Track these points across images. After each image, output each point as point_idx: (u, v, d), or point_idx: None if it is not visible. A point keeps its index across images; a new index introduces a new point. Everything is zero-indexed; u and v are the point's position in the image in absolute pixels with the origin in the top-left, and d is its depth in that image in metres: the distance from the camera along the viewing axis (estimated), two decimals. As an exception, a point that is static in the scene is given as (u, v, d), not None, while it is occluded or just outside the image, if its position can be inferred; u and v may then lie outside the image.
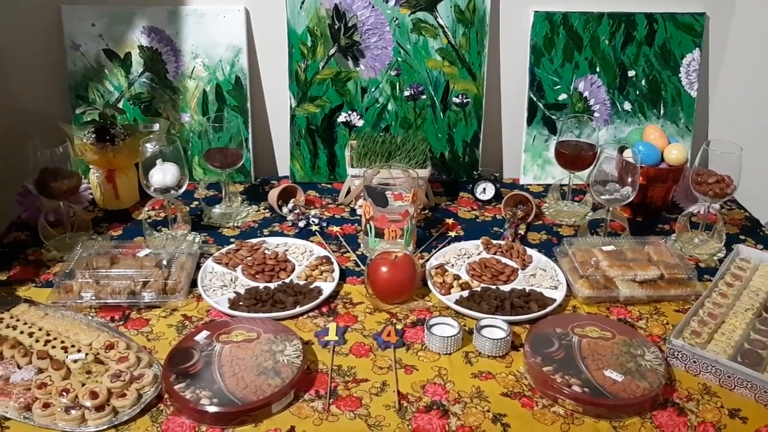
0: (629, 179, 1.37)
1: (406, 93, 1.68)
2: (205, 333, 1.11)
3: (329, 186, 1.72)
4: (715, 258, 1.41)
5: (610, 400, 1.00)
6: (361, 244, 1.44)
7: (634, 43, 1.67)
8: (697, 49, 1.68)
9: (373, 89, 1.67)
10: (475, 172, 1.70)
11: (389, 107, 1.69)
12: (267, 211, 1.59)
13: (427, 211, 1.59)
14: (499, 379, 1.08)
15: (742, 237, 1.51)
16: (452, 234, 1.50)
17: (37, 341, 1.10)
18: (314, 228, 1.50)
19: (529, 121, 1.71)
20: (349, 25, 1.61)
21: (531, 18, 1.65)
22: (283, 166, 1.78)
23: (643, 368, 1.06)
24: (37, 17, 1.62)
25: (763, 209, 1.62)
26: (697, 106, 1.72)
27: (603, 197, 1.39)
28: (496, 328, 1.16)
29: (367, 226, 1.38)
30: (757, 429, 1.00)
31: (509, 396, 1.05)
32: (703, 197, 1.40)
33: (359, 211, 1.54)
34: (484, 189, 1.63)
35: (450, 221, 1.56)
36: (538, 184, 1.74)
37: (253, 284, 1.28)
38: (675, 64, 1.69)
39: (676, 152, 1.49)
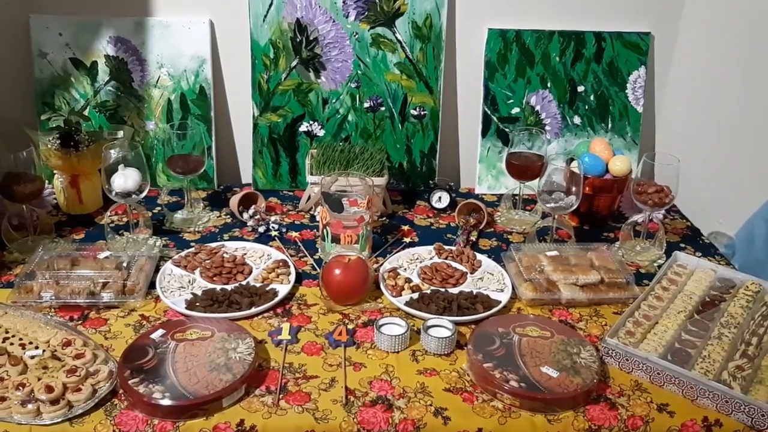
0: (574, 189, 1.44)
1: (366, 105, 1.74)
2: (160, 331, 1.15)
3: (291, 193, 1.77)
4: (655, 264, 1.49)
5: (546, 394, 1.06)
6: (319, 249, 1.49)
7: (583, 60, 1.75)
8: (642, 66, 1.76)
9: (333, 100, 1.73)
10: (431, 182, 1.77)
11: (349, 118, 1.75)
12: (228, 216, 1.64)
13: (384, 219, 1.65)
14: (443, 375, 1.13)
15: (683, 245, 1.59)
16: (407, 240, 1.56)
17: (-5, 338, 1.14)
18: (273, 233, 1.55)
19: (484, 134, 1.78)
20: (311, 38, 1.67)
21: (485, 35, 1.72)
22: (246, 174, 1.83)
23: (578, 365, 1.12)
24: (6, 26, 1.65)
25: (704, 219, 1.71)
26: (643, 120, 1.81)
27: (549, 205, 1.46)
28: (442, 327, 1.22)
29: (324, 231, 1.43)
30: (683, 422, 1.07)
31: (451, 391, 1.10)
32: (643, 206, 1.47)
33: (317, 217, 1.58)
34: (440, 198, 1.69)
35: (406, 228, 1.62)
36: (492, 194, 1.80)
37: (211, 286, 1.33)
38: (622, 81, 1.77)
39: (619, 164, 1.57)
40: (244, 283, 1.34)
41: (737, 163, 1.70)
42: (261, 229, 1.56)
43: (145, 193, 1.43)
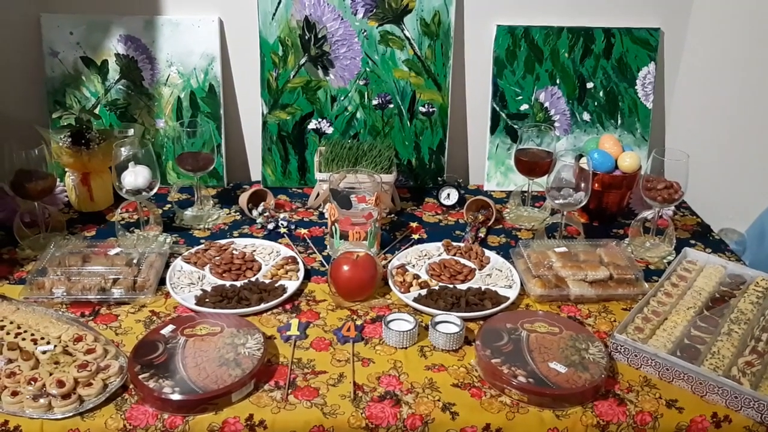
0: (583, 185, 1.44)
1: (375, 102, 1.74)
2: (170, 327, 1.16)
3: (300, 191, 1.78)
4: (665, 261, 1.48)
5: (554, 390, 1.06)
6: (327, 246, 1.49)
7: (592, 56, 1.75)
8: (652, 62, 1.76)
9: (342, 98, 1.73)
10: (440, 179, 1.77)
11: (358, 115, 1.75)
12: (237, 214, 1.64)
13: (393, 215, 1.65)
14: (451, 371, 1.13)
15: (693, 241, 1.58)
16: (416, 236, 1.56)
17: (8, 334, 1.15)
18: (282, 230, 1.56)
19: (493, 130, 1.78)
20: (319, 36, 1.68)
21: (494, 31, 1.72)
22: (256, 171, 1.84)
23: (587, 361, 1.12)
24: (17, 25, 1.67)
25: (715, 216, 1.70)
26: (653, 116, 1.80)
27: (557, 202, 1.45)
28: (450, 323, 1.22)
29: (333, 228, 1.43)
30: (692, 418, 1.06)
31: (459, 387, 1.10)
32: (653, 202, 1.47)
33: (326, 214, 1.59)
34: (449, 194, 1.69)
35: (414, 225, 1.62)
36: (501, 191, 1.80)
37: (220, 282, 1.33)
38: (631, 77, 1.77)
39: (629, 160, 1.56)
40: (253, 279, 1.34)
41: (748, 159, 1.69)
42: (270, 226, 1.57)
43: (155, 191, 1.44)
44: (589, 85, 1.77)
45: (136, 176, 1.40)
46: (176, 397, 1.02)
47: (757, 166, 1.66)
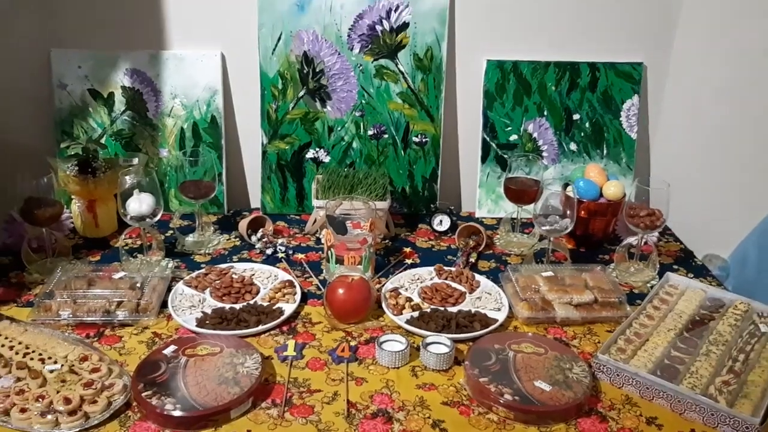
0: (569, 212, 1.50)
1: (370, 132, 1.81)
2: (172, 347, 1.21)
3: (298, 217, 1.84)
4: (648, 285, 1.54)
5: (539, 407, 1.11)
6: (323, 270, 1.55)
7: (578, 90, 1.82)
8: (636, 95, 1.83)
9: (339, 128, 1.81)
10: (432, 206, 1.83)
11: (354, 145, 1.82)
12: (237, 239, 1.70)
13: (387, 241, 1.71)
14: (441, 389, 1.18)
15: (676, 267, 1.64)
16: (409, 261, 1.62)
17: (17, 353, 1.20)
18: (280, 255, 1.62)
19: (483, 160, 1.85)
20: (317, 70, 1.75)
21: (484, 66, 1.80)
22: (255, 199, 1.90)
23: (570, 380, 1.17)
24: (29, 59, 1.74)
25: (699, 242, 1.75)
26: (638, 146, 1.87)
27: (544, 228, 1.51)
28: (441, 344, 1.27)
29: (329, 252, 1.49)
30: (671, 435, 1.11)
31: (449, 405, 1.15)
32: (636, 229, 1.53)
33: (323, 240, 1.65)
34: (441, 221, 1.75)
35: (408, 250, 1.68)
36: (492, 217, 1.86)
37: (220, 305, 1.39)
38: (616, 109, 1.84)
39: (613, 188, 1.62)
40: (251, 302, 1.40)
41: (731, 186, 1.74)
42: (268, 252, 1.63)
43: (158, 217, 1.50)
44: (576, 116, 1.84)
45: (140, 203, 1.46)
46: (177, 413, 1.07)
47: (740, 192, 1.72)
